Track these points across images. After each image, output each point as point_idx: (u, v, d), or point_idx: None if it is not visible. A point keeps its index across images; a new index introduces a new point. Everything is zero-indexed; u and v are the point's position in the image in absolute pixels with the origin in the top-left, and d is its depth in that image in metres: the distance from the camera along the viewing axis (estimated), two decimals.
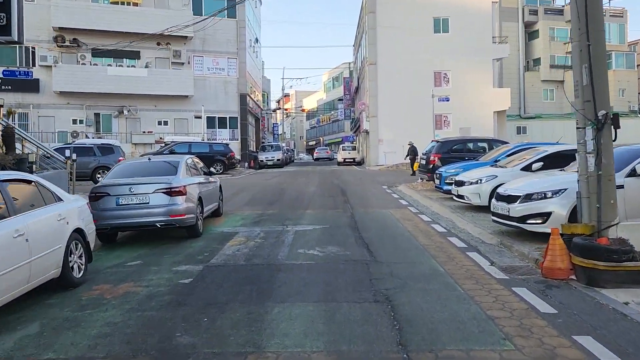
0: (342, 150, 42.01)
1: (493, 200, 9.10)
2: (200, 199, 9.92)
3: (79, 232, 6.61)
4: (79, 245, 6.60)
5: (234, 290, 6.06)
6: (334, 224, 10.85)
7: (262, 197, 16.17)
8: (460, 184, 12.37)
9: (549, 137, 47.70)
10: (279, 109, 68.16)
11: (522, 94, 52.69)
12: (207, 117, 37.78)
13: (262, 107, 51.45)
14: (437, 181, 15.17)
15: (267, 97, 74.23)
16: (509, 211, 8.30)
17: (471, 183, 11.98)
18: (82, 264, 6.62)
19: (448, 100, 30.83)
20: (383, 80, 37.47)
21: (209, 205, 10.92)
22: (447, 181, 14.41)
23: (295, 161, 60.95)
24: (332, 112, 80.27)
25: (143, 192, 8.93)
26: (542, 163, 11.01)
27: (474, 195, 11.81)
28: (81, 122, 35.12)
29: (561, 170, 9.36)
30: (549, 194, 7.95)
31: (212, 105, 38.00)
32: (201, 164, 11.75)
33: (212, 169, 29.88)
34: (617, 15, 56.09)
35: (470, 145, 17.92)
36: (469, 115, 36.97)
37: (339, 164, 41.89)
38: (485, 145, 17.66)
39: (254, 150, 42.17)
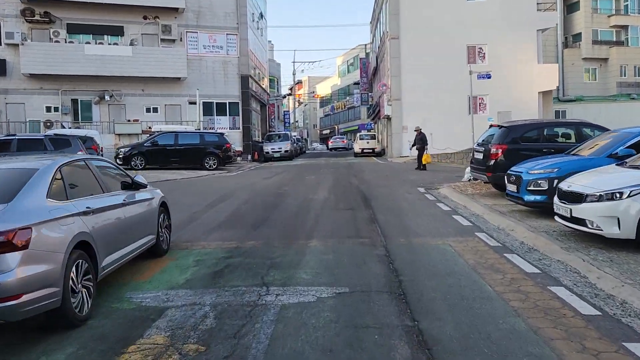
0: (360, 139, 36.76)
1: None
2: (87, 246, 4.84)
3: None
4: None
5: None
6: (358, 282, 5.71)
7: (248, 211, 11.06)
8: (574, 198, 7.12)
9: (595, 122, 41.97)
10: (290, 94, 62.94)
11: (561, 74, 46.76)
12: (203, 102, 32.74)
13: (269, 92, 46.25)
14: (510, 186, 9.92)
15: (278, 82, 69.08)
16: None
17: (601, 198, 6.73)
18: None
19: (489, 77, 25.47)
20: (407, 57, 32.05)
21: (127, 245, 5.86)
22: (531, 188, 9.18)
23: (307, 152, 55.82)
24: (348, 98, 74.83)
25: None
26: None
27: (608, 222, 6.56)
28: (56, 109, 30.29)
29: None
30: None
31: (209, 89, 32.95)
32: (116, 170, 6.60)
33: (206, 163, 25.10)
34: None
35: (552, 131, 12.57)
36: (509, 96, 31.47)
37: (356, 155, 36.66)
38: (570, 131, 12.31)
39: (260, 140, 37.06)
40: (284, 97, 62.42)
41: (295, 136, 64.25)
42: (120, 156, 23.30)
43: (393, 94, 32.16)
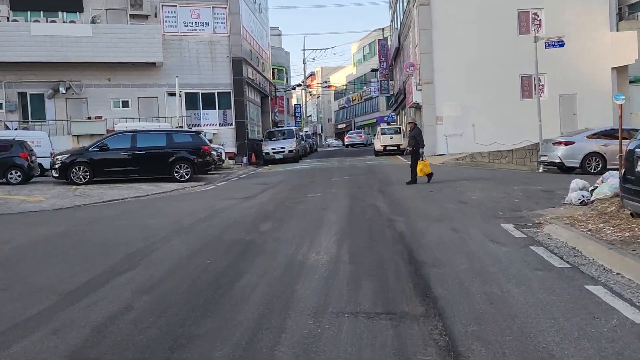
0: (382, 134, 30.03)
1: None
2: None
3: None
4: None
5: None
6: None
7: (155, 309, 4.50)
8: None
9: None
10: (300, 85, 56.35)
11: None
12: (186, 93, 26.48)
13: (272, 81, 39.69)
14: None
15: (287, 73, 62.63)
16: None
17: None
18: None
19: (562, 45, 18.61)
20: (440, 28, 25.23)
21: None
22: None
23: (319, 150, 49.18)
24: (364, 89, 67.98)
25: None
26: None
27: None
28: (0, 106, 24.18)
29: None
30: None
31: (192, 77, 26.60)
32: None
33: (176, 172, 18.55)
34: None
35: None
36: (574, 74, 24.50)
37: (376, 153, 29.97)
38: None
39: (261, 138, 30.52)
40: (293, 88, 55.88)
41: (306, 132, 57.64)
42: (57, 166, 17.00)
43: (423, 75, 25.39)
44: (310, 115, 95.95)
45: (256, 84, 31.73)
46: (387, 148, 29.30)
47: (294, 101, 71.78)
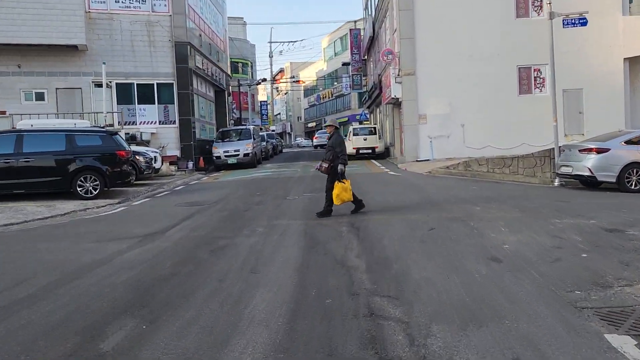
0: (354, 135, 25.77)
1: None
2: None
3: None
4: None
5: None
6: None
7: None
8: None
9: None
10: (265, 80, 51.69)
11: None
12: (118, 84, 21.80)
13: (230, 73, 35.11)
14: None
15: (252, 67, 58.03)
16: None
17: None
18: None
19: (585, 24, 14.60)
20: (424, 9, 21.13)
21: None
22: None
23: (285, 152, 44.72)
24: (336, 85, 63.86)
25: None
26: None
27: None
28: None
29: None
30: None
31: (125, 64, 21.96)
32: None
33: (80, 187, 13.02)
34: None
35: None
36: (579, 66, 20.71)
37: (348, 157, 25.63)
38: None
39: (216, 139, 25.92)
40: (258, 83, 51.21)
41: (272, 130, 53.14)
42: None
43: (404, 65, 21.24)
44: (279, 113, 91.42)
45: (208, 75, 27.15)
46: (361, 151, 25.10)
47: (261, 97, 67.17)
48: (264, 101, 62.35)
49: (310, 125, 76.36)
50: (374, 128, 26.55)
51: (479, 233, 7.28)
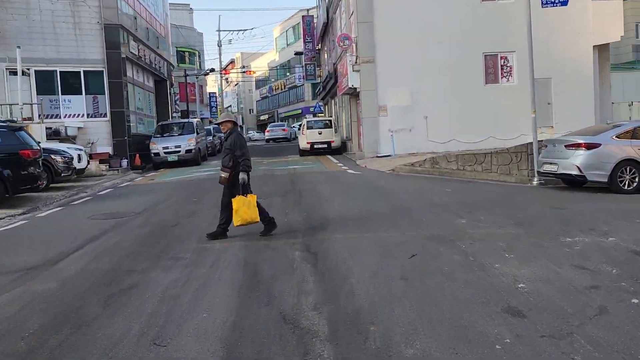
0: (308, 128, 23.75)
1: None
2: None
3: None
4: None
5: None
6: None
7: None
8: None
9: None
10: (213, 70, 48.85)
11: None
12: (37, 71, 19.08)
13: (173, 63, 32.42)
14: None
15: (200, 56, 55.01)
16: None
17: None
18: None
19: (566, 3, 13.05)
20: None
21: None
22: None
23: None
24: (288, 76, 61.69)
25: None
26: None
27: None
28: None
29: None
30: None
31: (46, 49, 19.23)
32: None
33: None
34: None
35: None
36: (548, 54, 19.26)
37: (302, 152, 23.72)
38: None
39: (155, 133, 23.30)
40: (206, 73, 48.34)
41: (215, 125, 50.26)
42: None
43: (361, 52, 19.36)
44: (229, 106, 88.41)
45: (146, 63, 24.51)
46: (316, 146, 23.13)
47: (210, 89, 64.16)
48: (213, 93, 59.45)
49: (262, 118, 73.97)
50: (330, 121, 24.64)
51: (478, 263, 5.42)
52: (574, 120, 19.04)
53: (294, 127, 44.66)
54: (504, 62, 19.76)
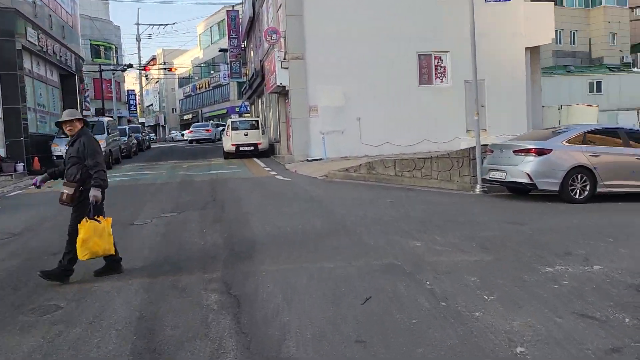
0: (232, 129, 22.01)
1: None
2: None
3: None
4: None
5: None
6: None
7: None
8: None
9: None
10: (131, 66, 45.63)
11: None
12: None
13: (82, 56, 29.52)
14: None
15: (117, 51, 51.59)
16: None
17: None
18: None
19: None
20: None
21: None
22: None
23: (153, 147, 39.45)
24: (213, 74, 59.27)
25: None
26: None
27: None
28: None
29: None
30: None
31: None
32: None
33: None
34: None
35: None
36: (481, 55, 18.68)
37: (227, 155, 22.00)
38: None
39: (58, 134, 20.61)
40: (124, 69, 45.14)
41: (139, 124, 47.18)
42: None
43: (291, 47, 17.95)
44: (151, 104, 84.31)
45: (49, 55, 21.80)
46: (241, 148, 21.44)
47: (129, 86, 60.43)
48: (132, 90, 55.94)
49: (186, 117, 70.86)
50: (257, 121, 23.02)
51: (453, 311, 4.13)
52: (507, 123, 18.68)
53: (218, 127, 42.60)
54: (438, 62, 19.06)
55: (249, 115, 36.99)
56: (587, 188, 9.80)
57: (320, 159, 17.61)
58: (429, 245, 6.23)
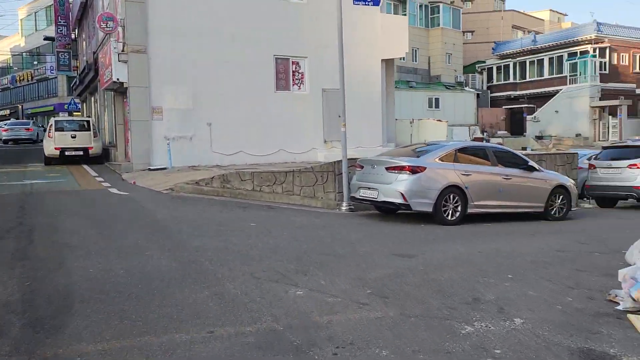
0: (57, 130, 18.62)
1: None
2: None
3: None
4: None
5: None
6: None
7: None
8: None
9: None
10: None
11: None
12: None
13: None
14: None
15: None
16: None
17: None
18: None
19: (378, 3, 11.39)
20: None
21: None
22: None
23: None
24: (38, 66, 52.36)
25: None
26: None
27: None
28: None
29: None
30: None
31: None
32: None
33: None
34: None
35: None
36: (337, 65, 18.14)
37: (48, 160, 18.61)
38: None
39: None
40: None
41: None
42: None
43: (131, 39, 15.49)
44: None
45: None
46: (67, 153, 18.21)
47: None
48: None
49: (2, 113, 61.80)
50: (88, 122, 19.81)
51: None
52: (363, 135, 18.30)
53: (41, 127, 37.31)
54: (296, 67, 18.01)
55: (79, 114, 32.73)
56: (459, 209, 9.29)
57: (165, 168, 15.42)
58: (315, 296, 4.83)
